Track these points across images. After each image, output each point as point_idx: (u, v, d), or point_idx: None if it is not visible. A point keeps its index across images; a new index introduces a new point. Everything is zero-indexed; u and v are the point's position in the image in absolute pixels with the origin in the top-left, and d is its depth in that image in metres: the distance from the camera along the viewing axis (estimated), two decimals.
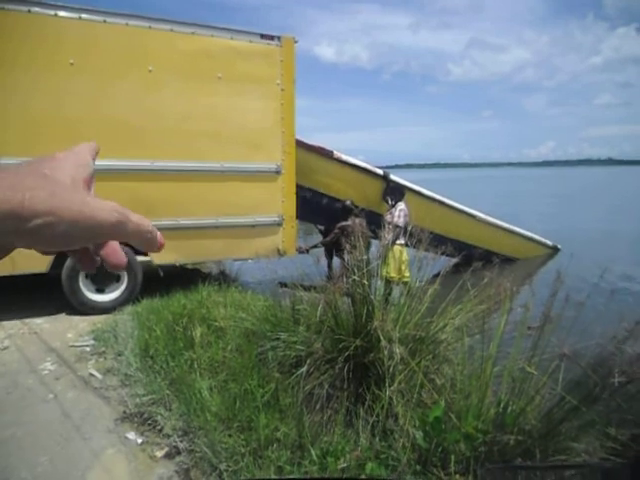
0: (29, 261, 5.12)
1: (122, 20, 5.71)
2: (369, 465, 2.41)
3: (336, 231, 7.32)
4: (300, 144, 7.40)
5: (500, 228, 9.52)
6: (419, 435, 2.38)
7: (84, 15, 5.52)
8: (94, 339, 4.93)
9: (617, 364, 1.95)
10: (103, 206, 0.37)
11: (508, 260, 9.02)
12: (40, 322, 5.53)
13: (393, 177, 8.30)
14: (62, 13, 5.41)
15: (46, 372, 4.20)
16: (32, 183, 0.35)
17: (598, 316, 2.46)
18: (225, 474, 2.61)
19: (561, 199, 33.09)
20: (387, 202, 7.57)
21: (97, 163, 0.43)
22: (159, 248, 0.43)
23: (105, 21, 5.62)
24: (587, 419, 2.13)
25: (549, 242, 10.49)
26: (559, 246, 10.53)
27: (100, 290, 6.06)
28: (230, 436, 2.85)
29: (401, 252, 6.16)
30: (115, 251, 0.42)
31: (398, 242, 6.18)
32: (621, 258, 10.30)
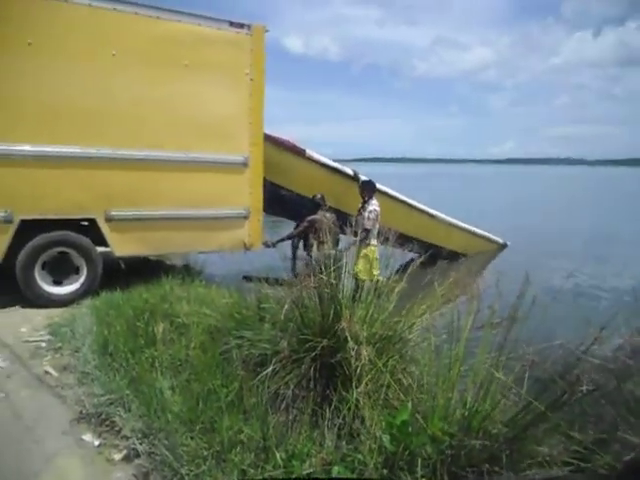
0: None
1: (85, 0, 5.46)
2: (335, 468, 2.37)
3: (305, 224, 7.15)
4: (272, 139, 7.28)
5: (455, 226, 9.99)
6: (386, 438, 2.35)
7: None
8: (50, 334, 4.72)
9: (585, 371, 1.97)
10: None
11: (461, 255, 9.90)
12: None
13: (362, 177, 8.30)
14: None
15: None
16: None
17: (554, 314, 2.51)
18: (187, 478, 2.52)
19: (520, 197, 34.24)
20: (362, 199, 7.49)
21: (54, 150, 0.35)
22: None
23: (67, 0, 5.36)
24: (552, 423, 2.15)
25: (499, 239, 11.10)
26: (508, 243, 11.21)
27: (57, 282, 5.82)
28: (192, 438, 2.75)
29: (372, 252, 6.17)
30: None
31: (369, 243, 6.22)
32: (565, 254, 10.95)
